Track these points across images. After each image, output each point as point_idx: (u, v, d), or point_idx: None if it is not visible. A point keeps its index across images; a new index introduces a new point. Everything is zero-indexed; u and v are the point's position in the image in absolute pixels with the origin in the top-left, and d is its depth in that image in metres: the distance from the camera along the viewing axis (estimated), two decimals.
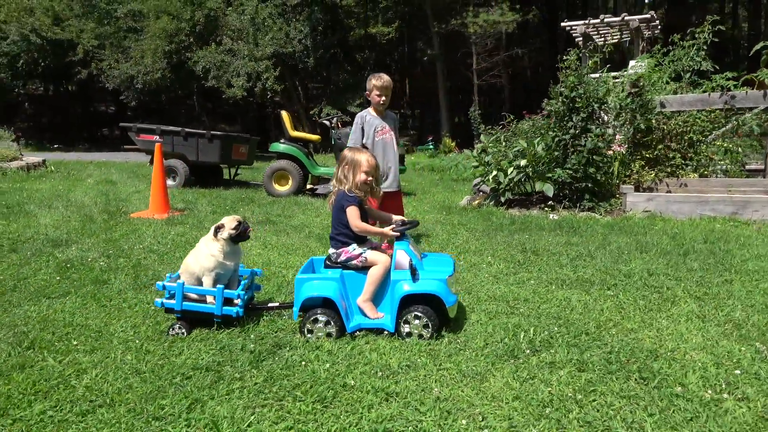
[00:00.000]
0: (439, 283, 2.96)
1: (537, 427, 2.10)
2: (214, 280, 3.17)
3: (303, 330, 2.97)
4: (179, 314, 3.10)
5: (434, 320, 2.91)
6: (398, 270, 3.00)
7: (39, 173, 9.95)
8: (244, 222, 3.28)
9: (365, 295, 3.05)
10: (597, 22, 10.05)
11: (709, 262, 4.39)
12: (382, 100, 4.60)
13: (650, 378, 2.46)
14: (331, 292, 2.98)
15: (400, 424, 2.14)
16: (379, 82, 4.57)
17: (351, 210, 3.12)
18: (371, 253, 3.11)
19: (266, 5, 22.17)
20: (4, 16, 23.38)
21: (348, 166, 3.19)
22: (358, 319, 3.03)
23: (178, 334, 3.02)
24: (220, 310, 3.07)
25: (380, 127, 4.69)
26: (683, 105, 7.14)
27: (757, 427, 2.07)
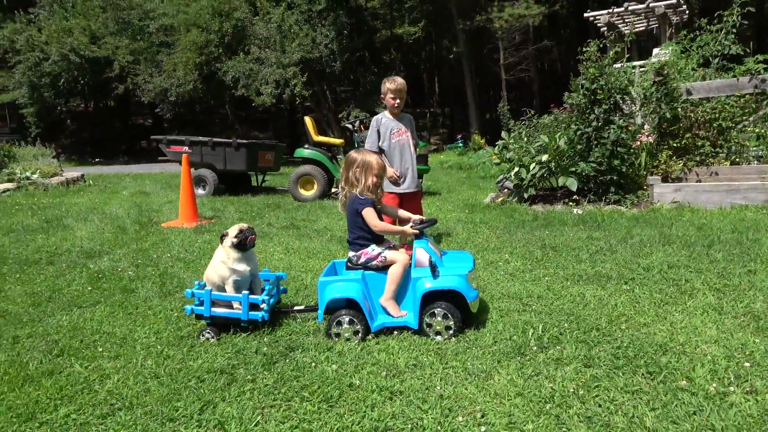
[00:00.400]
0: (459, 278, 3.00)
1: (536, 422, 2.12)
2: (235, 286, 3.27)
3: (329, 331, 3.04)
4: (208, 320, 3.22)
5: (457, 315, 2.96)
6: (419, 267, 3.06)
7: (78, 188, 10.40)
8: (248, 230, 3.32)
9: (387, 294, 3.11)
10: (621, 11, 9.84)
11: (735, 253, 4.28)
12: (397, 103, 4.66)
13: (657, 372, 2.44)
14: (354, 292, 3.05)
15: (401, 421, 2.19)
16: (393, 85, 4.62)
17: (368, 212, 3.17)
18: (390, 253, 3.17)
19: (292, 12, 22.51)
20: (46, 37, 24.45)
21: (359, 168, 3.23)
22: (382, 318, 3.10)
23: (207, 338, 3.13)
24: (247, 315, 3.17)
25: (396, 129, 4.75)
26: (711, 91, 6.94)
27: (763, 421, 2.04)
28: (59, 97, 25.94)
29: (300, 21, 22.64)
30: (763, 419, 2.05)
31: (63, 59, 23.96)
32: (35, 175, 9.86)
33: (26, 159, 10.65)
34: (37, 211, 7.77)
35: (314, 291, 3.86)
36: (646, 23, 10.93)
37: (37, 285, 4.37)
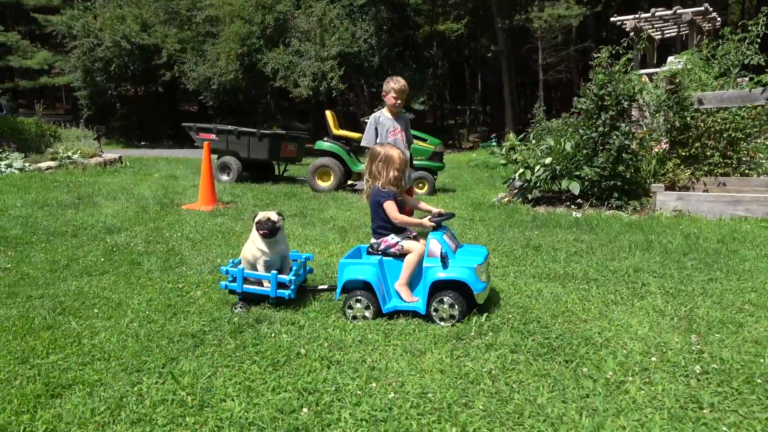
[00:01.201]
0: (467, 270, 3.20)
1: (444, 393, 2.39)
2: (265, 266, 3.58)
3: (345, 309, 3.33)
4: (240, 296, 3.55)
5: (462, 305, 3.17)
6: (430, 258, 3.29)
7: (114, 169, 11.10)
8: (265, 221, 3.56)
9: (401, 280, 3.36)
10: (648, 16, 9.77)
11: (706, 262, 4.39)
12: (398, 103, 4.86)
13: (571, 361, 2.67)
14: (370, 276, 3.31)
15: (329, 385, 2.50)
16: (397, 86, 4.82)
17: (388, 205, 3.43)
18: (407, 242, 3.42)
19: (334, 6, 22.96)
20: (100, 24, 25.68)
21: (382, 162, 3.48)
22: (395, 302, 3.34)
23: (240, 312, 3.43)
24: (275, 293, 3.48)
25: (392, 128, 4.93)
26: (722, 102, 6.93)
27: (644, 406, 2.25)
28: (110, 81, 27.19)
29: (341, 15, 23.06)
30: (646, 405, 2.26)
31: (115, 45, 25.12)
32: (76, 155, 10.59)
33: (70, 140, 11.43)
34: (72, 188, 8.40)
35: None
36: (677, 29, 10.80)
37: (58, 254, 4.86)
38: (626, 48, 7.20)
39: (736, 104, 6.87)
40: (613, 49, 7.26)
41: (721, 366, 2.56)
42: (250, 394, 2.43)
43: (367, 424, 2.20)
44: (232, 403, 2.35)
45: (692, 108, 6.96)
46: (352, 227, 6.21)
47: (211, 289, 3.91)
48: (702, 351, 2.73)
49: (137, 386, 2.50)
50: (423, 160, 9.20)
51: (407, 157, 5.08)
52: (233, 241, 5.45)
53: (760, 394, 2.31)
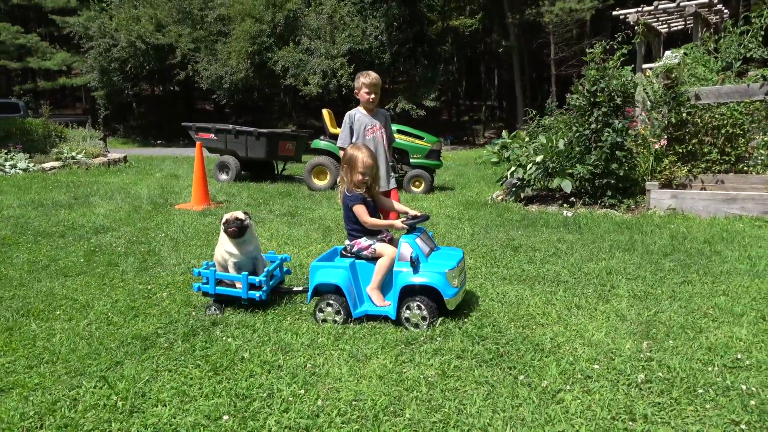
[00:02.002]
0: (437, 275, 3.12)
1: (375, 400, 2.36)
2: (235, 267, 3.58)
3: (315, 312, 3.28)
4: (213, 297, 3.54)
5: (432, 310, 3.11)
6: (401, 261, 3.20)
7: (117, 168, 11.26)
8: (233, 220, 3.58)
9: (373, 284, 3.30)
10: (651, 9, 9.54)
11: (686, 263, 4.28)
12: (372, 98, 4.52)
13: (514, 368, 2.61)
14: (340, 279, 3.26)
15: (263, 389, 2.48)
16: (367, 80, 4.49)
17: (358, 209, 3.35)
18: (380, 245, 3.36)
19: (345, 3, 22.95)
20: (116, 24, 26.06)
21: (346, 165, 3.40)
22: (366, 306, 3.28)
23: (213, 314, 3.43)
24: (246, 294, 3.46)
25: (370, 126, 4.62)
26: (720, 97, 6.73)
27: (574, 416, 2.19)
28: (127, 81, 27.59)
29: (352, 12, 23.04)
30: (576, 416, 2.20)
31: (130, 45, 25.48)
32: (80, 156, 10.76)
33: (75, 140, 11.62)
34: (71, 188, 8.54)
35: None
36: (684, 22, 10.54)
37: (41, 254, 4.94)
38: (621, 43, 7.04)
39: (734, 99, 6.68)
40: (608, 44, 7.11)
41: (666, 375, 2.49)
42: (183, 399, 2.43)
43: (290, 431, 2.18)
44: (162, 409, 2.35)
45: (689, 103, 6.78)
46: (338, 227, 6.19)
47: (177, 291, 3.93)
48: (651, 358, 2.65)
49: (74, 390, 2.51)
50: (420, 158, 9.15)
51: (385, 156, 4.96)
52: (215, 241, 5.45)
53: (698, 405, 2.23)
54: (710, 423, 2.11)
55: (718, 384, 2.38)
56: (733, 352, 2.69)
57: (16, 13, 33.84)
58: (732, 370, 2.52)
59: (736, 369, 2.53)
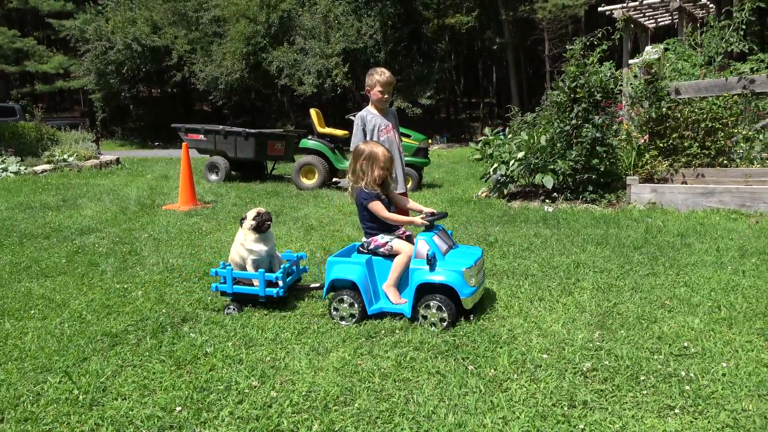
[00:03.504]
0: (454, 274, 3.07)
1: (328, 390, 2.43)
2: (254, 265, 3.58)
3: (330, 308, 3.28)
4: (231, 296, 3.55)
5: (450, 309, 3.04)
6: (418, 259, 3.17)
7: (109, 170, 11.35)
8: (264, 214, 3.60)
9: (389, 281, 3.28)
10: (636, 4, 9.58)
11: (655, 256, 4.34)
12: (385, 97, 4.39)
13: (467, 359, 2.68)
14: (356, 275, 3.24)
15: (221, 382, 2.55)
16: (383, 78, 4.34)
17: (374, 205, 3.31)
18: (397, 242, 3.32)
19: (339, 3, 22.99)
20: (112, 27, 26.16)
21: (366, 161, 3.33)
22: (382, 303, 3.27)
23: (231, 313, 3.44)
24: (264, 292, 3.43)
25: (383, 126, 4.45)
26: (699, 91, 6.79)
27: (517, 404, 2.26)
28: (124, 83, 27.69)
29: (347, 11, 23.09)
30: (519, 403, 2.27)
31: (126, 48, 25.59)
32: (71, 158, 10.86)
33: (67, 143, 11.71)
34: (61, 190, 8.63)
35: None
36: (670, 17, 10.56)
37: (24, 256, 5.02)
38: (601, 39, 7.09)
39: (713, 93, 6.73)
40: (588, 40, 7.16)
41: (612, 363, 2.55)
42: (143, 393, 2.50)
43: (241, 422, 2.25)
44: (122, 402, 2.42)
45: (669, 98, 6.83)
46: (321, 225, 6.27)
47: (153, 289, 4.00)
48: (601, 348, 2.71)
49: (39, 386, 2.59)
50: (407, 156, 9.19)
51: (400, 157, 4.76)
52: (197, 240, 5.55)
53: (637, 392, 2.30)
54: (646, 408, 2.18)
55: (660, 371, 2.45)
56: (682, 340, 2.75)
57: (12, 17, 34.03)
58: (677, 358, 2.59)
59: (682, 357, 2.60)
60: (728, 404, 2.17)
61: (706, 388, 2.29)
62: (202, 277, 4.28)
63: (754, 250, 4.38)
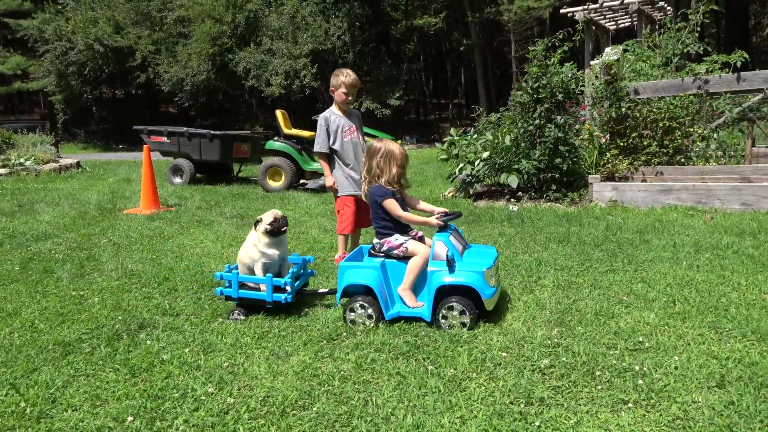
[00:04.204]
0: (475, 275, 2.98)
1: (287, 395, 2.40)
2: (263, 269, 3.45)
3: (345, 315, 3.15)
4: (236, 301, 3.41)
5: (472, 311, 2.96)
6: (435, 261, 3.06)
7: (69, 174, 11.04)
8: (281, 219, 3.48)
9: (405, 284, 3.17)
10: (596, 6, 9.80)
11: (614, 252, 4.42)
12: (349, 99, 4.46)
13: (427, 360, 2.68)
14: (371, 280, 3.12)
15: (178, 390, 2.49)
16: (348, 80, 4.40)
17: (389, 203, 3.24)
18: (412, 243, 3.23)
19: (307, 3, 22.87)
20: (72, 27, 25.47)
21: (382, 158, 3.26)
22: (398, 307, 3.16)
23: (237, 319, 3.32)
24: (271, 297, 3.31)
25: (347, 127, 4.52)
26: (657, 91, 6.96)
27: (475, 403, 2.27)
28: (86, 84, 26.99)
29: (314, 12, 22.98)
30: (477, 402, 2.27)
31: (88, 48, 24.97)
32: (29, 162, 10.52)
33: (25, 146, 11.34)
34: (16, 195, 8.35)
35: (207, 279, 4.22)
36: (630, 20, 10.83)
37: None
38: (562, 40, 7.21)
39: (670, 93, 6.91)
40: (550, 41, 7.27)
41: (570, 359, 2.58)
42: (94, 403, 2.43)
43: (197, 430, 2.20)
44: (72, 413, 2.35)
45: (628, 98, 6.99)
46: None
47: (110, 296, 3.89)
48: (559, 344, 2.75)
49: None
50: None
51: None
52: (159, 245, 5.43)
53: (593, 387, 2.33)
54: (600, 403, 2.21)
55: (615, 366, 2.49)
56: (638, 335, 2.81)
57: None
58: (633, 353, 2.63)
59: (636, 351, 2.65)
60: (679, 397, 2.22)
61: (658, 382, 2.34)
62: (162, 282, 4.19)
63: (708, 245, 4.50)
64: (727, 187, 6.03)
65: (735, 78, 6.50)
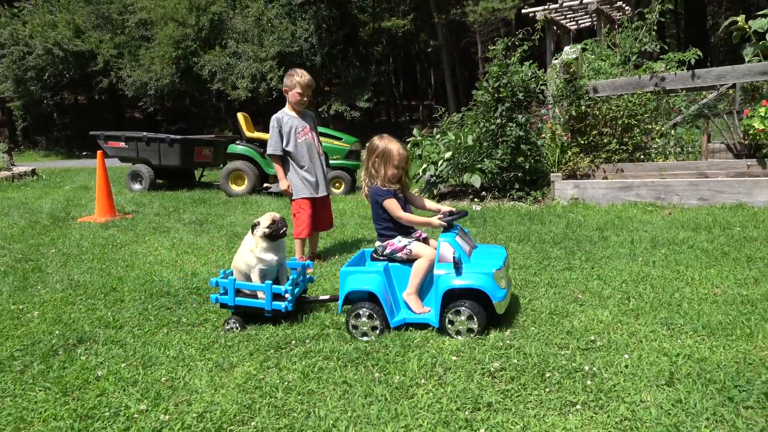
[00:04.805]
0: (484, 277, 2.81)
1: (227, 407, 2.28)
2: (261, 275, 3.27)
3: (348, 324, 2.98)
4: (233, 309, 3.23)
5: (480, 316, 2.79)
6: (442, 263, 2.90)
7: (23, 182, 10.65)
8: (280, 221, 3.31)
9: (410, 288, 3.01)
10: (556, 7, 9.88)
11: (572, 250, 4.41)
12: (304, 100, 4.38)
13: (376, 366, 2.58)
14: (374, 285, 2.95)
15: (111, 408, 2.35)
16: (303, 80, 4.32)
17: (389, 203, 3.07)
18: (416, 245, 3.07)
19: (272, 6, 22.61)
20: (30, 31, 24.69)
21: (378, 158, 3.09)
22: (404, 314, 3.00)
23: (232, 328, 3.14)
24: (270, 305, 3.15)
25: (301, 128, 4.44)
26: (615, 89, 7.03)
27: (422, 410, 2.18)
28: (46, 90, 26.19)
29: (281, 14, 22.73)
30: (424, 409, 2.19)
31: (47, 53, 24.22)
32: None
33: None
34: None
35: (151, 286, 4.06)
36: (590, 19, 10.95)
37: None
38: (522, 39, 7.22)
39: (628, 91, 6.98)
40: (509, 41, 7.28)
41: (521, 361, 2.52)
42: (18, 426, 2.27)
43: None
44: None
45: (587, 96, 7.03)
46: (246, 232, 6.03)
47: (51, 309, 3.71)
48: (511, 346, 2.69)
49: None
50: (339, 159, 9.10)
51: (320, 160, 4.58)
52: (111, 254, 5.22)
53: (542, 390, 2.27)
54: (549, 406, 2.15)
55: (565, 367, 2.43)
56: (590, 334, 2.77)
57: None
58: (584, 352, 2.59)
59: (588, 351, 2.60)
60: (628, 397, 2.17)
61: (608, 382, 2.29)
62: (109, 293, 4.02)
63: (664, 240, 4.52)
64: (684, 183, 6.11)
65: (690, 75, 6.60)
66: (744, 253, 4.01)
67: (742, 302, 3.09)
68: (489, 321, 2.86)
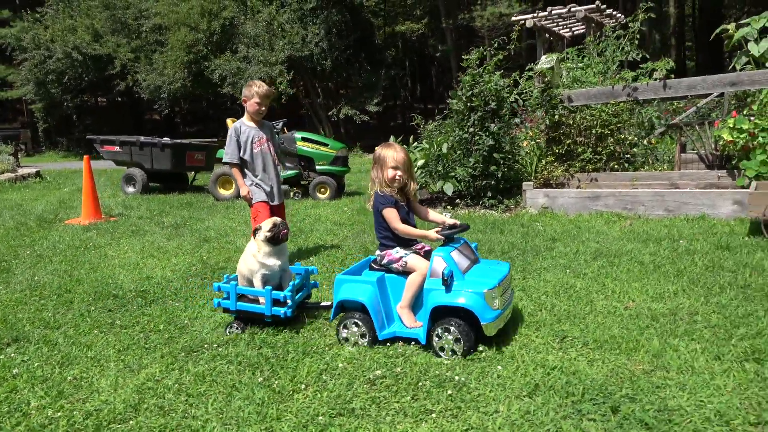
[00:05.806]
0: (473, 296, 2.72)
1: (114, 409, 2.43)
2: (263, 280, 3.33)
3: (337, 333, 2.99)
4: (234, 314, 3.31)
5: (467, 336, 2.70)
6: (433, 278, 2.84)
7: (25, 184, 11.05)
8: (281, 224, 3.38)
9: (403, 301, 2.99)
10: (546, 14, 9.90)
11: (527, 260, 4.48)
12: (262, 109, 4.52)
13: (270, 371, 2.71)
14: (366, 296, 2.93)
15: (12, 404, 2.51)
16: (261, 90, 4.46)
17: (388, 212, 3.05)
18: (412, 258, 3.03)
19: (284, 11, 22.93)
20: (50, 35, 25.48)
21: (374, 164, 3.13)
22: (395, 327, 2.96)
23: (234, 332, 3.22)
24: (270, 311, 3.19)
25: (257, 138, 4.56)
26: (590, 99, 7.05)
27: (290, 414, 2.30)
28: (66, 93, 26.96)
29: (292, 19, 23.04)
30: (298, 415, 2.31)
31: (67, 57, 24.96)
32: None
33: None
34: None
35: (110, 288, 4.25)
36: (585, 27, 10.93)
37: None
38: (498, 48, 7.29)
39: (601, 101, 7.00)
40: (485, 49, 7.35)
41: (405, 369, 2.63)
42: None
43: None
44: None
45: (562, 106, 7.07)
46: (218, 236, 6.21)
47: (1, 309, 3.91)
48: (402, 354, 2.79)
49: None
50: (325, 165, 9.26)
51: (275, 169, 4.69)
52: (81, 256, 5.44)
53: (410, 397, 2.37)
54: (408, 413, 2.26)
55: (441, 376, 2.53)
56: (481, 345, 2.85)
57: None
58: (467, 363, 2.67)
59: (472, 361, 2.69)
60: (484, 407, 2.26)
61: (474, 392, 2.38)
62: (63, 294, 4.21)
63: (608, 252, 4.56)
64: (650, 194, 6.11)
65: (661, 85, 6.60)
66: (677, 267, 4.04)
67: (647, 317, 3.14)
68: (477, 341, 2.80)
